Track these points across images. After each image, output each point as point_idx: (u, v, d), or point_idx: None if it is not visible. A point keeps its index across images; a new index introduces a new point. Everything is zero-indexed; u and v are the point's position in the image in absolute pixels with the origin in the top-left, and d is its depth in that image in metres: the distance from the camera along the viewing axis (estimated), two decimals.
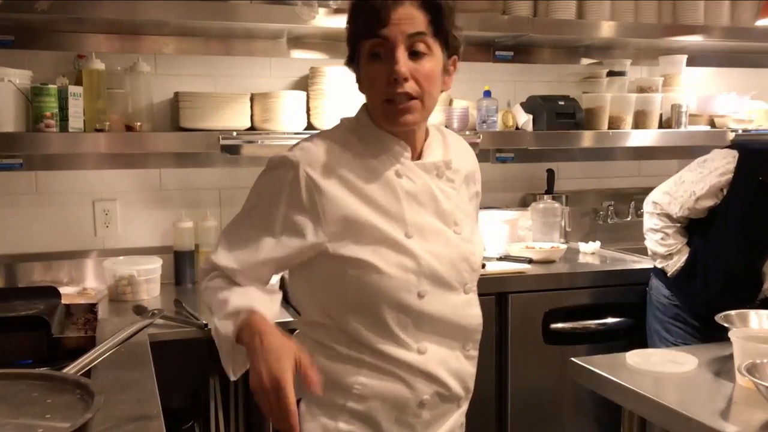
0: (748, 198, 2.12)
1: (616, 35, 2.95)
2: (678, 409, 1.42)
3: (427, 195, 1.30)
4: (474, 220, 1.42)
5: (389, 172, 1.29)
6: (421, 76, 1.24)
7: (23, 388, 1.11)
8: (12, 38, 2.50)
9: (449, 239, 1.31)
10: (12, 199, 2.56)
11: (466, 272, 1.32)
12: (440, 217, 1.31)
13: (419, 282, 1.25)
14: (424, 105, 1.26)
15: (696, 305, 2.26)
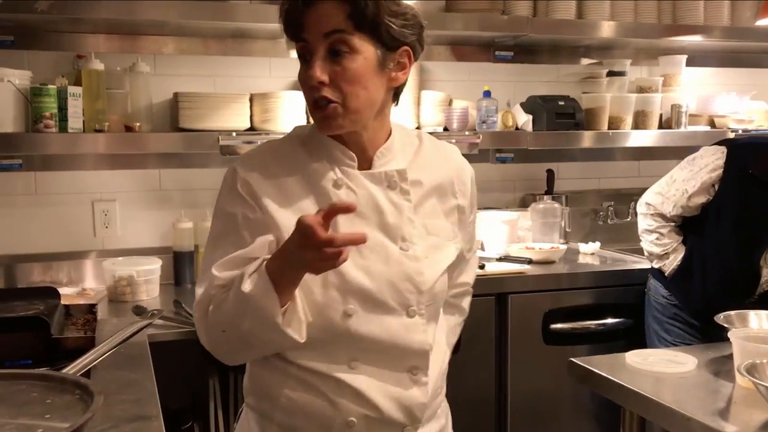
0: (739, 192, 2.13)
1: (616, 35, 2.95)
2: (677, 409, 1.42)
3: (371, 207, 1.21)
4: (446, 237, 1.29)
5: (326, 182, 1.22)
6: (341, 78, 1.16)
7: (23, 389, 1.11)
8: (11, 38, 2.50)
9: (391, 255, 1.20)
10: (11, 199, 2.56)
11: (410, 293, 1.21)
12: (384, 231, 1.21)
13: (344, 300, 1.17)
14: (348, 108, 1.17)
15: (695, 303, 2.26)
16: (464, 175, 1.35)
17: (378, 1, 1.15)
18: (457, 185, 1.33)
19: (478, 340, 2.47)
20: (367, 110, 1.20)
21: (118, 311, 2.26)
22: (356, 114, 1.19)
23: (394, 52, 1.20)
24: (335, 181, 1.22)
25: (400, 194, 1.24)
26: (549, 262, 2.73)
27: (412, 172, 1.26)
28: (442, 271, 1.26)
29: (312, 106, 1.20)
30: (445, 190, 1.31)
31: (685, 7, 3.06)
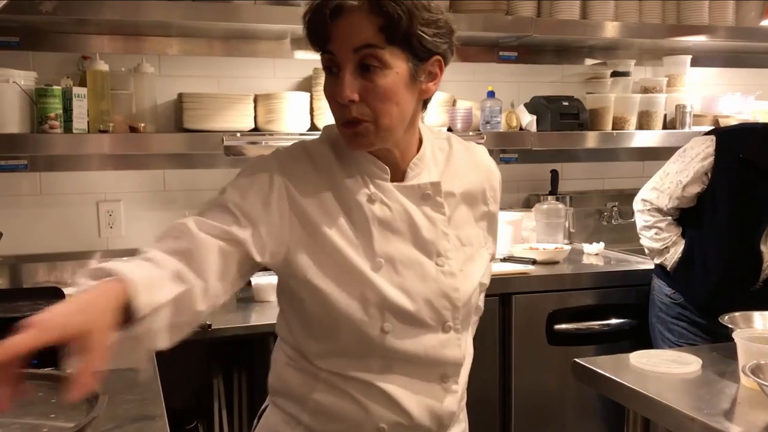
0: (732, 177, 2.14)
1: (620, 35, 2.94)
2: (682, 409, 1.42)
3: (405, 222, 1.17)
4: (479, 245, 1.27)
5: (361, 196, 1.16)
6: (372, 95, 1.09)
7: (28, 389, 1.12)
8: (17, 39, 2.51)
9: (427, 273, 1.17)
10: (16, 200, 2.57)
11: (446, 310, 1.18)
12: (420, 247, 1.18)
13: (383, 317, 1.14)
14: (379, 126, 1.11)
15: (699, 295, 2.25)
16: (494, 180, 1.31)
17: (411, 11, 1.08)
18: (488, 191, 1.29)
19: (482, 341, 2.45)
20: (399, 127, 1.14)
21: None
22: (388, 131, 1.13)
23: (425, 63, 1.13)
24: (369, 196, 1.16)
25: (434, 207, 1.20)
26: (553, 263, 2.72)
27: (445, 182, 1.21)
28: (478, 283, 1.24)
29: (341, 123, 1.14)
30: (476, 197, 1.27)
31: (689, 8, 3.06)
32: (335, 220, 1.15)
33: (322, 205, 1.15)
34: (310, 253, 1.14)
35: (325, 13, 1.08)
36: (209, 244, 1.07)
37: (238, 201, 1.11)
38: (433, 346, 1.18)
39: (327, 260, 1.14)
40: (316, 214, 1.14)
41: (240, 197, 1.11)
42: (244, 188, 1.13)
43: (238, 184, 1.15)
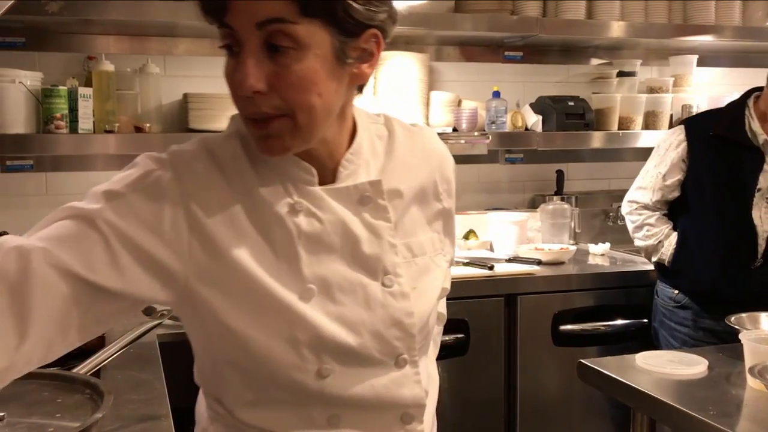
0: (708, 157, 2.17)
1: (626, 35, 2.94)
2: (688, 411, 1.41)
3: (340, 235, 0.93)
4: (434, 252, 1.03)
5: (281, 207, 0.90)
6: (285, 84, 0.84)
7: (34, 388, 1.12)
8: (23, 40, 2.52)
9: (371, 297, 0.94)
10: (22, 200, 2.57)
11: (398, 341, 0.95)
12: (361, 265, 0.94)
13: (319, 359, 0.90)
14: (297, 124, 0.86)
15: (701, 284, 2.22)
16: (447, 169, 1.06)
17: None
18: (440, 184, 1.04)
19: (487, 341, 2.46)
20: (323, 122, 0.88)
21: None
22: (309, 130, 0.87)
23: (356, 39, 0.87)
24: (291, 206, 0.91)
25: (376, 213, 0.95)
26: (558, 263, 2.71)
27: (388, 178, 0.96)
28: (434, 300, 1.01)
29: (247, 120, 0.88)
30: (427, 194, 1.03)
31: (695, 7, 3.05)
32: (249, 241, 0.89)
33: (231, 223, 0.88)
34: (217, 285, 0.88)
35: None
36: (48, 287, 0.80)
37: (113, 220, 0.83)
38: (386, 386, 0.96)
39: (240, 293, 0.88)
40: (224, 235, 0.88)
41: (116, 216, 0.84)
42: (123, 204, 0.85)
43: (114, 194, 0.86)
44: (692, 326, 2.25)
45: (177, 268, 0.87)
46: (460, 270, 2.52)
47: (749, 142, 2.13)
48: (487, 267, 2.51)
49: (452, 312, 2.61)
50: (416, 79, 2.80)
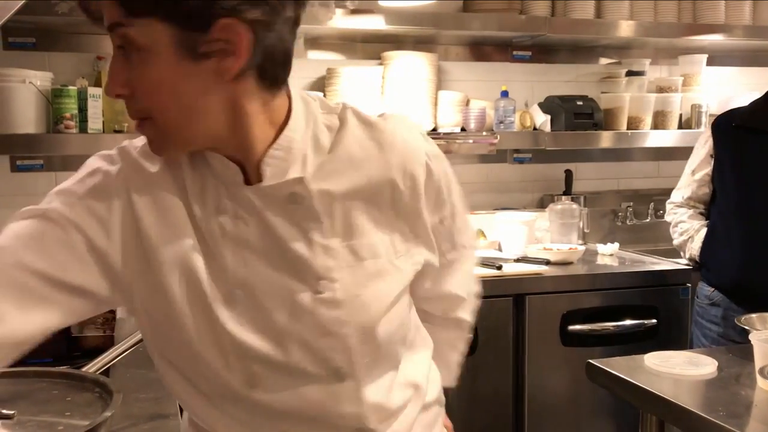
0: (731, 145, 2.20)
1: (635, 35, 2.93)
2: (697, 412, 1.40)
3: (265, 237, 0.87)
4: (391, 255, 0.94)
5: (209, 206, 0.87)
6: (138, 88, 0.82)
7: (43, 387, 1.12)
8: (33, 40, 2.53)
9: (298, 305, 0.88)
10: (32, 199, 2.56)
11: (333, 351, 0.89)
12: (288, 268, 0.88)
13: (245, 367, 0.87)
14: (158, 125, 0.83)
15: (729, 275, 2.20)
16: (413, 165, 0.94)
17: None
18: (402, 181, 0.93)
19: (495, 342, 2.46)
20: (188, 123, 0.83)
21: None
22: (174, 132, 0.83)
23: (206, 32, 0.79)
24: (217, 207, 0.87)
25: (306, 212, 0.88)
26: (567, 263, 2.71)
27: (325, 174, 0.89)
28: (388, 306, 0.92)
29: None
30: (381, 192, 0.93)
31: (705, 6, 3.03)
32: (180, 239, 0.86)
33: (165, 219, 0.87)
34: (148, 282, 0.87)
35: None
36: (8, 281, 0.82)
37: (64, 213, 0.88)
38: (321, 400, 0.90)
39: (168, 293, 0.86)
40: (155, 231, 0.86)
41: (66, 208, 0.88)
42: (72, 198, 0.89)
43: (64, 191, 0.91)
44: (722, 324, 2.22)
45: (115, 259, 0.86)
46: None
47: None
48: (495, 267, 2.51)
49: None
50: (424, 79, 2.80)
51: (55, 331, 0.87)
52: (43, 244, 0.85)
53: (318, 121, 0.91)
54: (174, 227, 0.87)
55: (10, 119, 2.32)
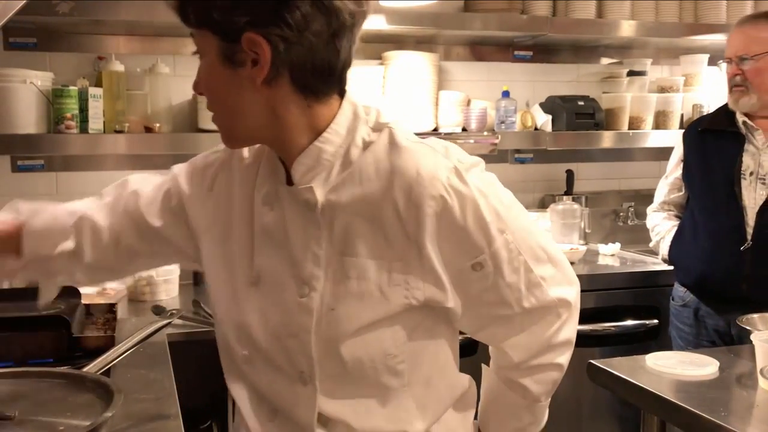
0: (696, 147, 2.26)
1: (637, 35, 2.92)
2: (698, 412, 1.40)
3: (283, 234, 0.96)
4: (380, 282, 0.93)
5: (259, 197, 1.00)
6: (203, 86, 0.96)
7: (44, 387, 1.12)
8: (34, 41, 2.53)
9: (283, 301, 0.95)
10: (33, 199, 2.57)
11: (299, 355, 0.95)
12: (290, 265, 0.96)
13: (244, 343, 0.99)
14: (217, 120, 0.98)
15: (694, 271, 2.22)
16: (417, 194, 0.91)
17: None
18: (405, 210, 0.92)
19: None
20: (237, 121, 0.95)
21: (138, 311, 2.28)
22: (226, 127, 0.98)
23: (237, 44, 0.89)
24: (264, 197, 1.00)
25: (310, 219, 0.95)
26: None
27: (337, 187, 0.94)
28: (354, 329, 0.93)
29: None
30: (383, 213, 0.93)
31: (706, 6, 3.03)
32: (235, 225, 1.03)
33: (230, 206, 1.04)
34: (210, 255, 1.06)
35: None
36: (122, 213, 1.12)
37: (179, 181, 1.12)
38: (286, 397, 0.97)
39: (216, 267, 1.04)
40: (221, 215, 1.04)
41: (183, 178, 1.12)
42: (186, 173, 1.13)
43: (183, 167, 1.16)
44: (694, 325, 2.24)
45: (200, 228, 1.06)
46: None
47: (733, 128, 2.16)
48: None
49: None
50: (425, 79, 2.79)
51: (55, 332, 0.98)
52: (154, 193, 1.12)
53: (357, 136, 0.96)
54: (233, 206, 1.03)
55: (11, 119, 2.32)
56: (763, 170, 2.09)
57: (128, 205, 1.12)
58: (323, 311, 0.93)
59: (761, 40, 2.09)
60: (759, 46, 2.08)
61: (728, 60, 2.17)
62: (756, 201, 2.08)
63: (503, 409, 1.11)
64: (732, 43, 2.16)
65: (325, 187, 0.94)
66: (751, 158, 2.11)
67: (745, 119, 2.14)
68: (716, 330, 2.17)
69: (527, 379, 1.08)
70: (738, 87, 2.13)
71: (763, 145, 2.11)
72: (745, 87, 2.12)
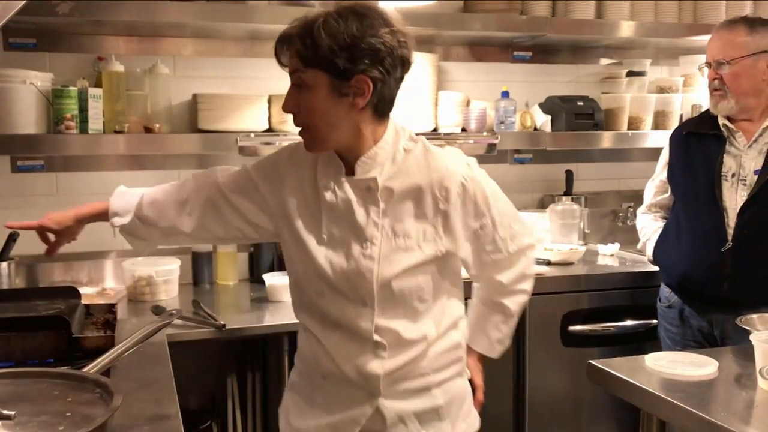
0: (680, 150, 2.29)
1: (636, 35, 2.93)
2: (698, 412, 1.40)
3: (346, 208, 1.41)
4: (419, 239, 1.41)
5: (322, 185, 1.43)
6: (303, 109, 1.37)
7: (44, 387, 1.13)
8: (34, 41, 2.53)
9: (351, 253, 1.40)
10: (33, 200, 2.59)
11: (361, 287, 1.39)
12: (352, 231, 1.40)
13: (318, 283, 1.42)
14: (311, 133, 1.39)
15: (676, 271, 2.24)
16: (448, 182, 1.42)
17: (322, 41, 1.31)
18: (438, 192, 1.41)
19: None
20: (332, 134, 1.38)
21: (138, 311, 2.28)
22: (323, 139, 1.39)
23: (348, 81, 1.33)
24: (325, 184, 1.43)
25: (371, 199, 1.40)
26: (568, 264, 2.71)
27: (391, 179, 1.41)
28: (402, 269, 1.39)
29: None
30: (423, 195, 1.41)
31: (706, 6, 3.04)
32: (303, 200, 1.45)
33: (300, 187, 1.45)
34: (286, 226, 1.46)
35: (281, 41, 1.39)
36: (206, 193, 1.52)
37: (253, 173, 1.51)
38: (352, 316, 1.41)
39: (293, 230, 1.44)
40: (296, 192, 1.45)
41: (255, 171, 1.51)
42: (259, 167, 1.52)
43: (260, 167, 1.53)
44: (680, 326, 2.25)
45: (273, 209, 1.48)
46: None
47: (715, 131, 2.18)
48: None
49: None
50: (425, 80, 2.80)
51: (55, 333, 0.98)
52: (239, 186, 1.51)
53: (399, 144, 1.43)
54: (304, 191, 1.45)
55: (11, 120, 2.32)
56: (744, 171, 2.11)
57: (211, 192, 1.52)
58: (380, 259, 1.39)
59: (738, 45, 2.10)
60: (736, 50, 2.10)
61: (707, 64, 2.18)
62: (737, 202, 2.09)
63: (488, 326, 1.61)
64: (710, 47, 2.18)
65: (381, 177, 1.40)
66: (733, 160, 2.13)
67: (726, 122, 2.16)
68: (700, 330, 2.18)
69: (508, 299, 1.58)
70: (717, 91, 2.15)
71: (744, 147, 2.13)
72: (723, 91, 2.13)
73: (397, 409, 1.42)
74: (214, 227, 1.52)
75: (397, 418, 1.43)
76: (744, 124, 2.15)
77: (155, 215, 1.55)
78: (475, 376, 1.61)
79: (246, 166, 1.52)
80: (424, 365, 1.43)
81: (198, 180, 1.55)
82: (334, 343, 1.42)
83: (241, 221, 1.50)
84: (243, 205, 1.49)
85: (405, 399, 1.43)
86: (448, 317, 1.48)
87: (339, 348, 1.42)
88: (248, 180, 1.50)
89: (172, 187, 1.57)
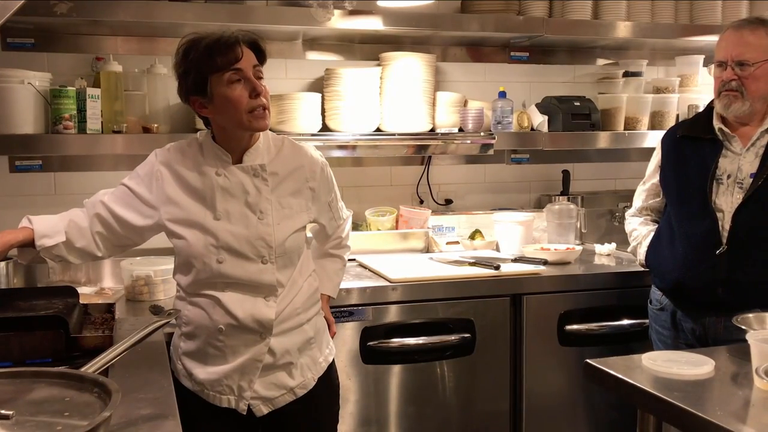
0: (673, 152, 2.27)
1: (633, 35, 2.94)
2: (694, 411, 1.41)
3: (239, 189, 1.72)
4: (299, 209, 1.78)
5: (211, 172, 1.72)
6: (266, 93, 1.70)
7: (42, 387, 1.13)
8: (32, 41, 2.53)
9: (250, 223, 1.72)
10: (31, 200, 2.59)
11: (262, 248, 1.72)
12: (248, 206, 1.72)
13: (218, 252, 1.70)
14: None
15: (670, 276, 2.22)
16: (313, 166, 1.83)
17: None
18: (308, 173, 1.81)
19: (493, 341, 2.47)
20: None
21: (136, 310, 2.28)
22: None
23: None
24: (217, 171, 1.72)
25: (261, 180, 1.73)
26: (564, 263, 2.72)
27: (272, 165, 1.76)
28: (291, 232, 1.76)
29: (248, 112, 1.68)
30: (299, 177, 1.80)
31: (702, 7, 3.05)
32: (192, 188, 1.72)
33: (183, 179, 1.72)
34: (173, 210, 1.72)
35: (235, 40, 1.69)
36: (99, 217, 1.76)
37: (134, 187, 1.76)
38: (254, 272, 1.72)
39: (184, 214, 1.71)
40: (179, 185, 1.72)
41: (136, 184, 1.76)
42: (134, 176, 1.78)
43: (133, 176, 1.78)
44: (671, 328, 2.24)
45: (155, 203, 1.74)
46: (465, 270, 2.52)
47: (710, 134, 2.16)
48: (493, 267, 2.52)
49: (458, 311, 2.62)
50: (422, 80, 2.80)
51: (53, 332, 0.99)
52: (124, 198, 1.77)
53: (271, 141, 1.81)
54: (188, 180, 1.72)
55: (9, 120, 2.32)
56: (741, 174, 2.09)
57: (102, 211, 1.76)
58: (274, 225, 1.74)
59: (762, 47, 2.05)
60: (760, 53, 2.05)
61: (720, 63, 2.12)
62: (733, 204, 2.07)
63: (331, 271, 2.04)
64: (728, 47, 2.09)
65: (267, 163, 1.75)
66: (730, 162, 2.11)
67: (722, 126, 2.13)
68: (693, 333, 2.18)
69: (340, 250, 2.06)
70: (732, 92, 2.08)
71: (742, 150, 2.10)
72: (739, 92, 2.07)
73: (283, 343, 1.75)
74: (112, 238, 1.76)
75: (284, 351, 1.75)
76: (740, 128, 2.13)
77: (75, 235, 1.73)
78: (327, 313, 1.99)
79: (122, 181, 1.78)
80: (298, 307, 1.78)
81: (87, 205, 1.78)
82: (231, 298, 1.71)
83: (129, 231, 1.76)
84: (126, 214, 1.74)
85: (287, 335, 1.76)
86: (309, 267, 1.87)
87: (235, 302, 1.71)
88: (125, 192, 1.75)
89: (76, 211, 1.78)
